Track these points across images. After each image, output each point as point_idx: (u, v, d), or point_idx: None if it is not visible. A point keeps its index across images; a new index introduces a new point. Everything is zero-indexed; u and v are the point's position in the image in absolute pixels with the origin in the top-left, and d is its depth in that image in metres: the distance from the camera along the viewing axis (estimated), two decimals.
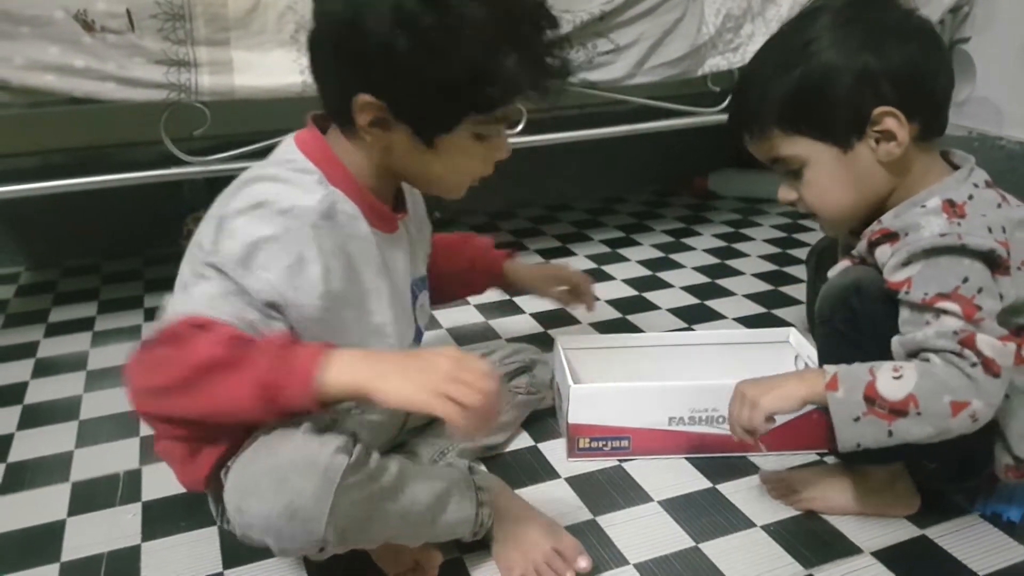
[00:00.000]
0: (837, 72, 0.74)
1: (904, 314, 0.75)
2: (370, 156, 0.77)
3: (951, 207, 0.74)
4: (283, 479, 0.64)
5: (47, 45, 1.11)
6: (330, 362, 0.64)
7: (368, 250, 0.79)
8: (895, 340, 0.75)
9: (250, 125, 1.32)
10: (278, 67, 1.19)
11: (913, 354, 0.74)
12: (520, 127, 1.30)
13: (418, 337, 0.93)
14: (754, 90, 0.80)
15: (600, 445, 0.95)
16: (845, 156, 0.77)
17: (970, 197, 0.75)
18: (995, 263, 0.73)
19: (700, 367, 1.07)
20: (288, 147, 0.79)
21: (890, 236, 0.77)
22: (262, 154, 0.84)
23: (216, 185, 0.87)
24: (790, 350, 1.09)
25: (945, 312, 0.71)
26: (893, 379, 0.71)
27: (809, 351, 1.04)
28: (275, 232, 0.70)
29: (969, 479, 0.83)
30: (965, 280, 0.72)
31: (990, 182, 0.79)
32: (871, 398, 0.72)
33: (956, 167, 0.80)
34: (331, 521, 0.64)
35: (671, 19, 1.37)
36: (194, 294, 0.71)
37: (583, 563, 0.79)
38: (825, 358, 0.85)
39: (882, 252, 0.77)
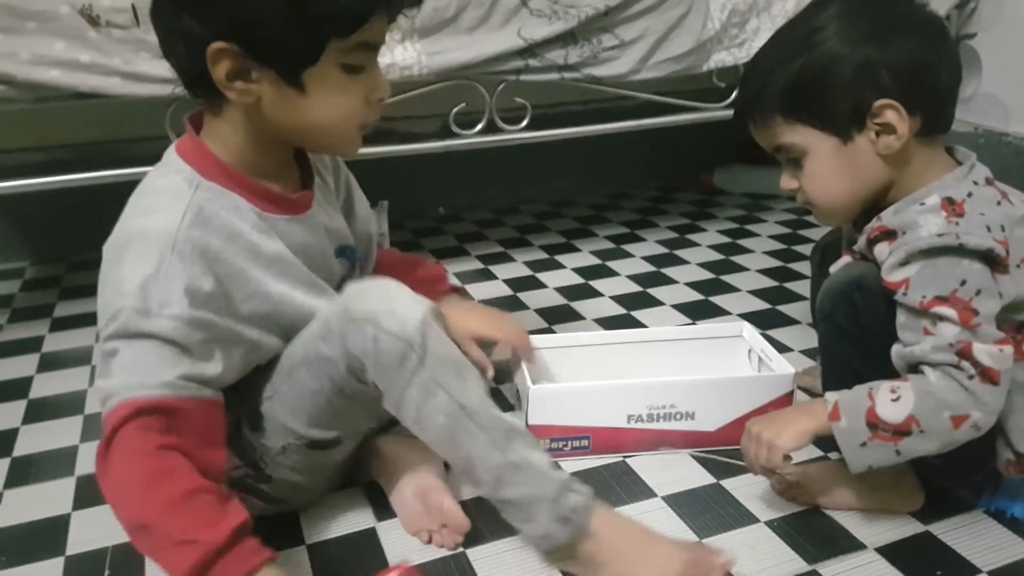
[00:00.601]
0: (838, 62, 0.75)
1: (901, 318, 0.75)
2: (243, 127, 0.74)
3: (950, 205, 0.74)
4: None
5: (53, 40, 1.11)
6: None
7: (259, 239, 0.76)
8: (894, 350, 0.76)
9: None
10: None
11: (912, 367, 0.74)
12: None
13: None
14: (758, 78, 0.80)
15: (560, 446, 0.95)
16: (844, 147, 0.77)
17: (969, 195, 0.75)
18: (994, 262, 0.73)
19: (655, 363, 1.06)
20: (168, 151, 0.79)
21: (889, 234, 0.77)
22: None
23: None
24: (743, 344, 1.09)
25: (942, 318, 0.71)
26: (892, 401, 0.72)
27: (762, 345, 1.04)
28: (155, 266, 0.69)
29: (972, 474, 0.83)
30: (963, 283, 0.71)
31: (991, 179, 0.78)
32: (873, 423, 0.73)
33: (959, 163, 0.80)
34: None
35: (676, 14, 1.36)
36: (120, 370, 0.68)
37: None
38: (826, 354, 0.86)
39: (880, 250, 0.77)
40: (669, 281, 1.52)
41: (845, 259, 0.83)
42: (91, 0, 1.11)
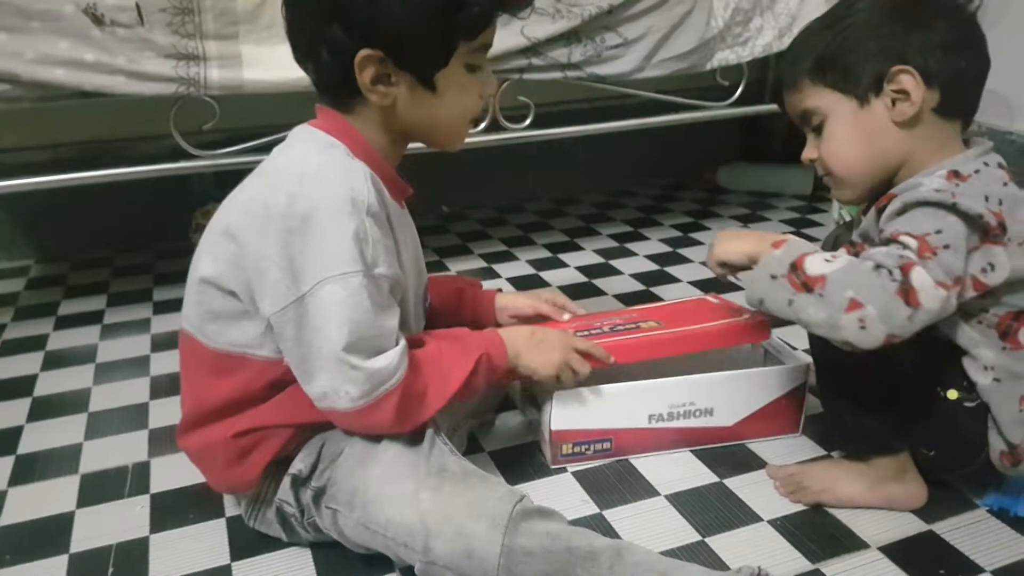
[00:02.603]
0: (865, 31, 0.79)
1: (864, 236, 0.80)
2: (375, 124, 0.80)
3: (955, 175, 0.75)
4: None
5: (57, 39, 1.11)
6: (506, 340, 0.84)
7: (395, 217, 0.81)
8: (853, 243, 0.80)
9: (258, 118, 1.33)
10: (287, 61, 1.16)
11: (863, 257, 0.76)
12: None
13: (425, 314, 0.94)
14: (796, 46, 0.86)
15: (583, 449, 0.94)
16: (861, 110, 0.80)
17: (977, 171, 0.76)
18: (984, 230, 0.73)
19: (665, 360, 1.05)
20: (304, 130, 0.81)
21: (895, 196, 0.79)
22: (270, 148, 0.84)
23: (225, 179, 0.88)
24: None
25: (905, 246, 0.73)
26: (824, 260, 0.74)
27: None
28: (358, 225, 0.73)
29: (965, 465, 0.83)
30: (938, 231, 0.72)
31: (1003, 164, 0.79)
32: (796, 266, 0.74)
33: None
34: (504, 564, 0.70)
35: (680, 12, 1.36)
36: (341, 316, 0.72)
37: None
38: (816, 351, 0.88)
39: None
40: (673, 279, 1.52)
41: (842, 251, 0.83)
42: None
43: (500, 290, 1.08)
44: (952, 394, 0.79)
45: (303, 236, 0.72)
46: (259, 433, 0.80)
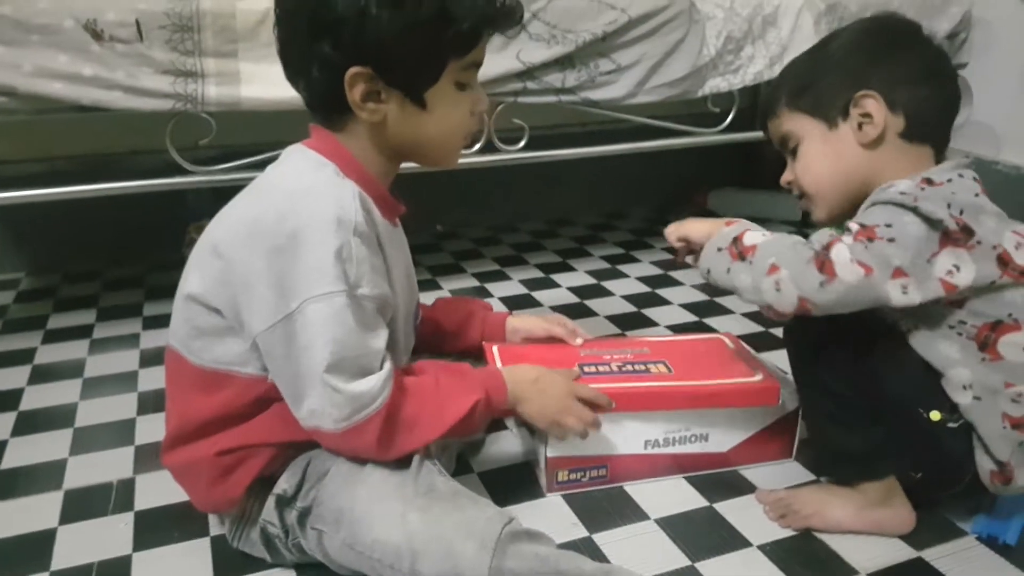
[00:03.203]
0: (838, 61, 0.86)
1: None
2: (366, 142, 0.80)
3: (927, 182, 0.79)
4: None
5: (56, 53, 1.12)
6: (507, 380, 0.84)
7: (385, 237, 0.81)
8: None
9: (254, 135, 1.33)
10: (285, 79, 1.21)
11: None
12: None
13: (415, 334, 0.95)
14: (779, 77, 0.95)
15: (579, 476, 0.94)
16: (831, 132, 0.86)
17: (949, 180, 0.79)
18: (944, 232, 0.75)
19: None
20: (296, 149, 0.81)
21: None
22: (266, 165, 0.85)
23: (220, 194, 0.88)
24: None
25: (848, 230, 0.77)
26: (760, 235, 0.81)
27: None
28: (342, 244, 0.73)
29: (954, 485, 0.84)
30: (888, 225, 0.76)
31: (977, 179, 0.81)
32: (738, 239, 0.81)
33: None
34: None
35: (672, 40, 1.38)
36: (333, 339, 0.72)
37: None
38: (795, 367, 0.90)
39: None
40: (663, 302, 1.52)
41: None
42: (96, 14, 1.12)
43: (511, 312, 1.08)
44: (935, 415, 0.80)
45: (291, 254, 0.72)
46: (243, 451, 0.79)
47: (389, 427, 0.75)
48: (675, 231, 0.90)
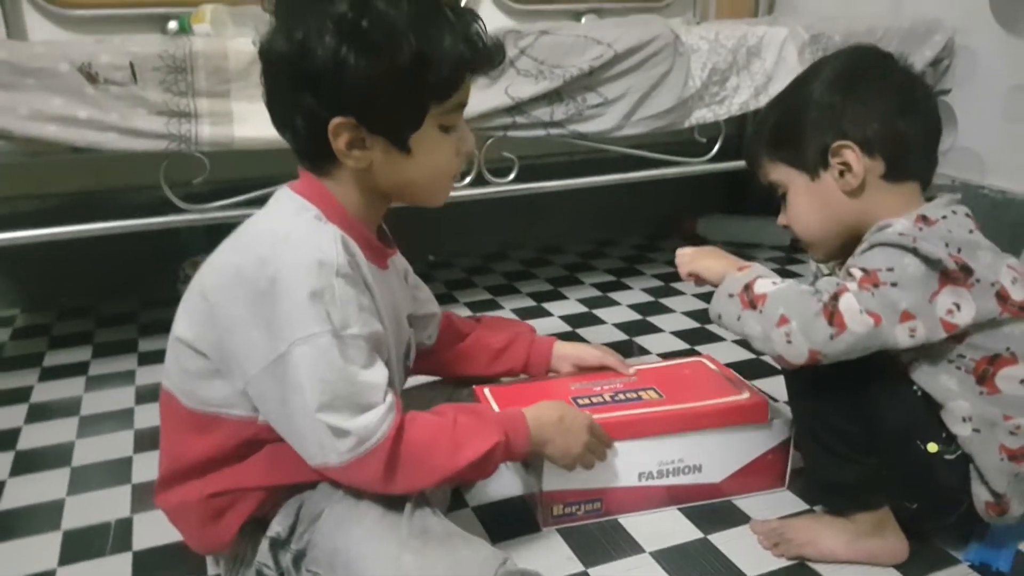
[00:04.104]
0: (809, 108, 0.85)
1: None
2: (352, 186, 0.80)
3: (923, 220, 0.80)
4: None
5: (51, 96, 1.13)
6: (530, 423, 0.83)
7: (371, 279, 0.81)
8: None
9: (247, 170, 1.35)
10: None
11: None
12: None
13: (408, 372, 0.96)
14: (756, 123, 0.94)
15: (574, 510, 0.94)
16: (813, 183, 0.86)
17: (944, 217, 0.80)
18: (944, 272, 0.76)
19: None
20: (283, 193, 0.82)
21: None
22: (259, 202, 0.86)
23: (213, 230, 0.89)
24: None
25: (851, 276, 0.78)
26: (771, 284, 0.81)
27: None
28: (324, 287, 0.73)
29: (946, 516, 0.85)
30: (889, 269, 0.77)
31: (970, 214, 0.83)
32: (749, 287, 0.81)
33: None
34: None
35: (658, 73, 1.41)
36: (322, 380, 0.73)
37: None
38: (793, 397, 0.90)
39: None
40: (655, 329, 1.54)
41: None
42: (90, 58, 1.13)
43: (556, 338, 1.09)
44: (932, 447, 0.80)
45: (272, 298, 0.73)
46: (234, 494, 0.80)
47: (394, 459, 0.75)
48: (688, 265, 0.90)
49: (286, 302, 0.73)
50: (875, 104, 0.83)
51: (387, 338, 0.83)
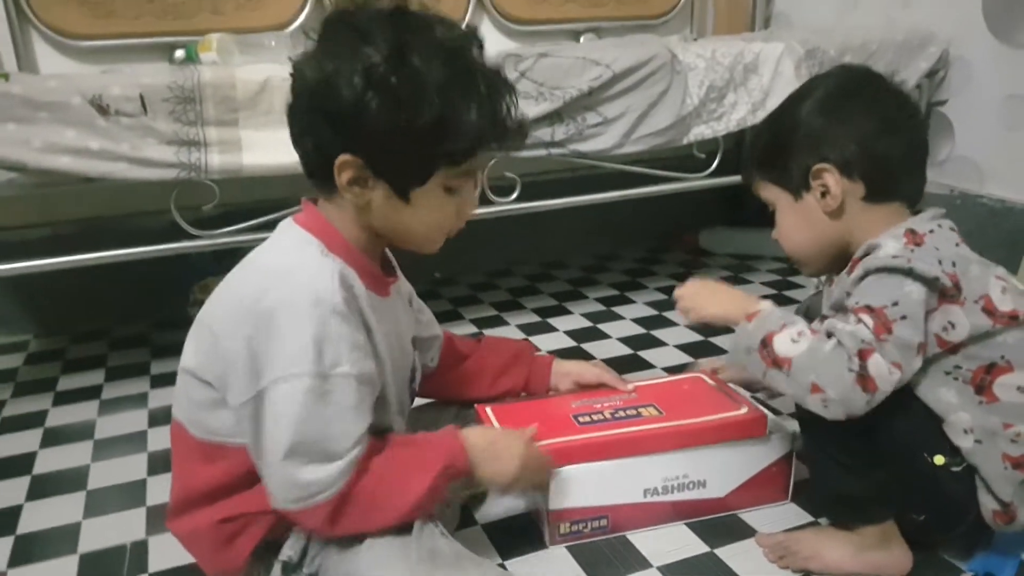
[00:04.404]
0: (794, 130, 0.87)
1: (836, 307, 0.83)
2: (352, 215, 0.81)
3: (912, 235, 0.81)
4: None
5: (64, 129, 1.16)
6: (467, 446, 0.82)
7: (370, 311, 0.82)
8: (824, 317, 0.82)
9: (257, 194, 1.37)
10: (285, 145, 1.21)
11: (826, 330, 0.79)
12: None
13: (414, 396, 0.97)
14: (751, 141, 0.98)
15: (580, 528, 0.95)
16: (797, 203, 0.89)
17: (931, 231, 0.82)
18: (941, 291, 0.78)
19: None
20: (286, 225, 0.84)
21: (860, 260, 0.83)
22: (268, 227, 0.88)
23: (224, 254, 0.91)
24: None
25: (863, 323, 0.77)
26: (790, 341, 0.79)
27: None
28: (317, 326, 0.74)
29: (953, 528, 0.86)
30: (895, 303, 0.77)
31: (954, 228, 0.85)
32: (766, 343, 0.80)
33: None
34: None
35: (656, 92, 1.43)
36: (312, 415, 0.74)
37: None
38: (800, 410, 0.88)
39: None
40: (659, 343, 1.55)
41: (816, 323, 0.87)
42: (101, 91, 1.16)
43: (554, 356, 1.10)
44: (939, 459, 0.81)
45: (266, 333, 0.74)
46: (243, 519, 0.81)
47: (338, 512, 0.76)
48: (693, 313, 0.90)
49: (276, 339, 0.74)
50: (856, 126, 0.84)
51: (385, 372, 0.84)
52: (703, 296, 0.91)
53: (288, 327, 0.74)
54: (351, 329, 0.77)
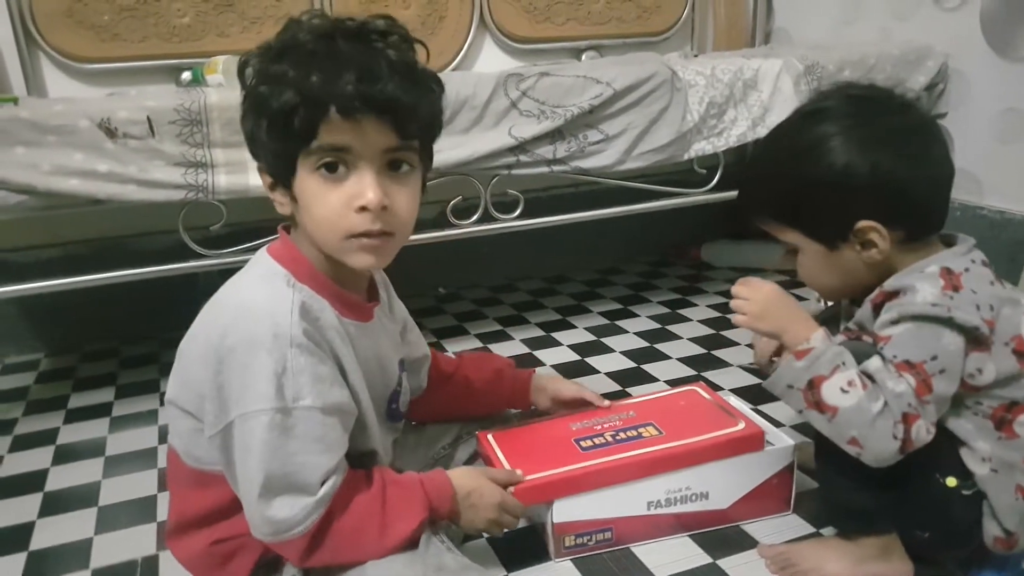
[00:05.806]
0: (823, 184, 0.82)
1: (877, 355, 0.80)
2: (310, 239, 0.81)
3: (948, 275, 0.79)
4: None
5: (72, 152, 1.17)
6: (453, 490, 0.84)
7: (340, 339, 0.82)
8: (874, 356, 0.79)
9: (263, 214, 1.38)
10: None
11: (866, 371, 0.78)
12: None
13: (398, 417, 0.98)
14: (755, 185, 0.92)
15: (585, 540, 0.96)
16: (831, 253, 0.86)
17: (966, 269, 0.81)
18: (978, 340, 0.78)
19: None
20: (259, 255, 0.85)
21: (891, 295, 0.82)
22: None
23: (230, 274, 0.93)
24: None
25: (904, 379, 0.77)
26: (840, 390, 0.78)
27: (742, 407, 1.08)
28: (276, 361, 0.74)
29: (959, 549, 0.86)
30: (934, 358, 0.77)
31: (987, 262, 0.84)
32: (814, 385, 0.79)
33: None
34: None
35: (656, 109, 1.44)
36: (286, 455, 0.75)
37: None
38: (817, 432, 0.89)
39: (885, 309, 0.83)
40: (663, 356, 1.56)
41: (839, 338, 0.87)
42: (109, 114, 1.18)
43: (535, 370, 1.11)
44: (951, 481, 0.82)
45: (228, 368, 0.75)
46: (236, 541, 0.83)
47: (314, 547, 0.77)
48: (741, 316, 0.86)
49: (237, 375, 0.75)
50: (892, 175, 0.80)
51: (361, 399, 0.84)
52: (759, 306, 0.85)
53: (249, 363, 0.74)
54: (314, 361, 0.76)
